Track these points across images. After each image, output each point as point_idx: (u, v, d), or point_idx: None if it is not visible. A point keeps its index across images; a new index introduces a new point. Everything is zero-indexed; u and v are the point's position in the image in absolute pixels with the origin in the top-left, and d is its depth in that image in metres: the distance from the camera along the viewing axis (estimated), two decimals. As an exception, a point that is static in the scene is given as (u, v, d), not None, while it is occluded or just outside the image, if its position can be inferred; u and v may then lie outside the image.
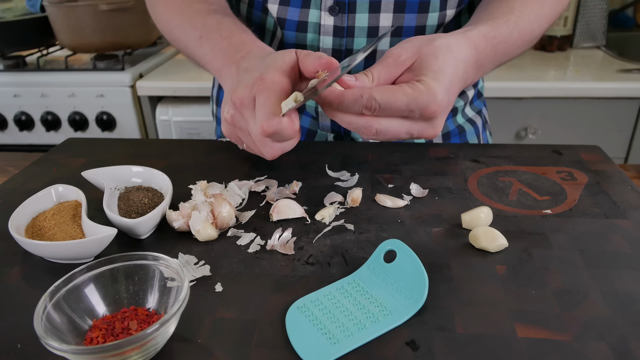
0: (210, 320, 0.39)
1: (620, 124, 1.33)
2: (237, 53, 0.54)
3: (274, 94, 0.46)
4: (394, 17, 0.62)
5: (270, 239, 0.49)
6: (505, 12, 0.57)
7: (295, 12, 0.63)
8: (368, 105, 0.44)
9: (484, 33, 0.54)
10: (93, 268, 0.40)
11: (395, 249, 0.43)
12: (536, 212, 0.53)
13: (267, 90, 0.46)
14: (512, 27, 0.56)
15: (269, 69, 0.47)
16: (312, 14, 0.63)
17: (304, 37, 0.65)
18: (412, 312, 0.39)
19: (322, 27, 0.63)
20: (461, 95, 0.75)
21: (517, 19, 0.57)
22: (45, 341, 0.33)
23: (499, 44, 0.55)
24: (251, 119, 0.48)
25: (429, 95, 0.46)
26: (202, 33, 0.59)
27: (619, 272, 0.43)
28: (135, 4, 1.38)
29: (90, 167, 0.59)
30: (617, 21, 1.72)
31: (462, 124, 0.76)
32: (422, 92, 0.45)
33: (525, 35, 0.58)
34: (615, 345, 0.36)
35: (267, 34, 0.68)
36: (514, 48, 0.58)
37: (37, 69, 1.46)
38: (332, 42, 0.64)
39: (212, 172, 0.63)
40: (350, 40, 0.63)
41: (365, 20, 0.62)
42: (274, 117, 0.45)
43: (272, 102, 0.45)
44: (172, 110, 1.41)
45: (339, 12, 0.62)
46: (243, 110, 0.49)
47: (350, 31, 0.63)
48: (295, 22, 0.64)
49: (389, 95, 0.44)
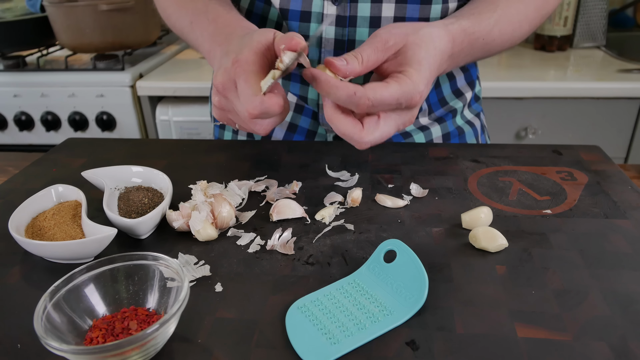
0: (210, 320, 0.39)
1: (620, 124, 1.33)
2: (221, 36, 0.55)
3: (252, 75, 0.46)
4: (396, 7, 0.62)
5: (270, 239, 0.49)
6: (489, 9, 0.58)
7: (298, 1, 0.64)
8: (360, 103, 0.45)
9: (464, 27, 0.55)
10: (93, 268, 0.40)
11: (395, 249, 0.43)
12: (536, 212, 0.53)
13: (244, 72, 0.46)
14: (492, 25, 0.57)
15: (243, 50, 0.48)
16: (315, 4, 0.63)
17: (307, 26, 0.65)
18: (412, 312, 0.39)
19: (324, 16, 0.64)
20: (459, 97, 0.76)
21: (498, 17, 0.58)
22: (45, 341, 0.33)
23: (477, 40, 0.56)
24: (236, 100, 0.49)
25: (413, 86, 0.47)
26: (193, 18, 0.61)
27: (619, 272, 0.43)
28: (135, 4, 1.38)
29: (90, 167, 0.59)
30: (617, 21, 1.72)
31: (462, 125, 0.77)
32: (407, 84, 0.47)
33: (505, 35, 0.59)
34: (615, 345, 0.36)
35: (268, 24, 0.68)
36: (492, 46, 0.59)
37: (37, 69, 1.46)
38: (335, 32, 0.64)
39: (212, 172, 0.63)
40: (353, 30, 0.64)
41: (368, 10, 0.63)
42: (256, 98, 0.45)
43: (252, 84, 0.46)
44: (172, 110, 1.41)
45: (342, 2, 0.62)
46: (227, 94, 0.49)
47: (353, 21, 0.63)
48: (298, 12, 0.64)
49: (381, 92, 0.45)
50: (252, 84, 0.46)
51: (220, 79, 0.49)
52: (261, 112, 0.46)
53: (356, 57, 0.48)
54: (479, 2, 0.60)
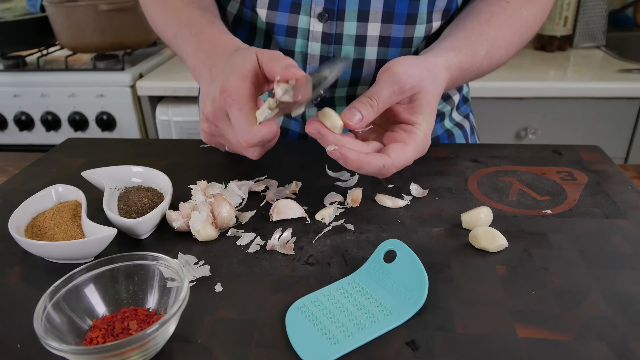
0: (210, 320, 0.39)
1: (620, 124, 1.33)
2: (203, 53, 0.54)
3: (244, 104, 0.46)
4: (381, 27, 0.62)
5: (270, 239, 0.49)
6: (482, 38, 0.59)
7: (284, 17, 0.63)
8: (389, 173, 0.49)
9: (461, 64, 0.56)
10: (93, 268, 0.40)
11: (395, 249, 0.43)
12: (536, 212, 0.53)
13: (236, 102, 0.46)
14: (483, 57, 0.59)
15: (230, 77, 0.47)
16: (301, 20, 0.63)
17: (292, 42, 0.65)
18: (412, 312, 0.39)
19: (310, 33, 0.63)
20: (447, 100, 0.76)
21: (489, 48, 0.59)
22: (45, 341, 0.33)
23: (469, 72, 0.59)
24: (227, 129, 0.49)
25: (426, 141, 0.51)
26: (177, 30, 0.60)
27: (619, 272, 0.43)
28: (135, 4, 1.38)
29: (90, 167, 0.58)
30: (617, 21, 1.71)
31: (451, 128, 0.77)
32: (422, 140, 0.51)
33: (492, 64, 0.61)
34: (615, 345, 0.36)
35: (258, 32, 0.68)
36: (479, 74, 0.62)
37: (37, 69, 1.46)
38: (320, 48, 0.64)
39: (212, 172, 0.63)
40: (338, 47, 0.64)
41: (354, 29, 0.62)
42: (252, 129, 0.46)
43: (245, 113, 0.46)
44: (172, 110, 1.41)
45: (328, 19, 0.62)
46: (217, 123, 0.50)
47: (339, 39, 0.63)
48: (284, 27, 0.64)
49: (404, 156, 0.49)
50: (246, 114, 0.46)
51: (210, 109, 0.49)
52: (258, 142, 0.47)
53: (372, 106, 0.49)
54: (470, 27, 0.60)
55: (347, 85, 0.68)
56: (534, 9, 0.63)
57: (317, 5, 0.62)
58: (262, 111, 0.46)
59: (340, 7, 0.61)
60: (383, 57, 0.65)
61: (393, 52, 0.64)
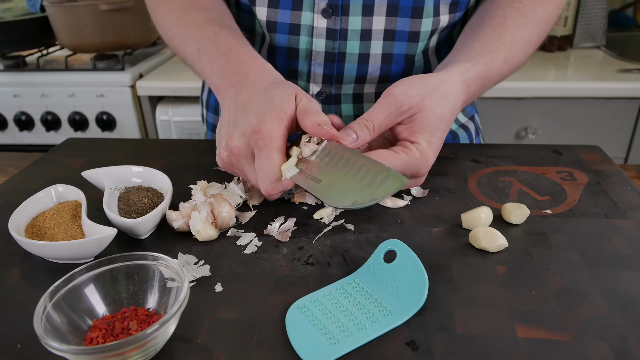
0: (210, 320, 0.39)
1: (620, 124, 1.33)
2: (234, 74, 0.53)
3: (274, 153, 0.46)
4: (386, 20, 0.61)
5: (270, 225, 0.49)
6: (498, 43, 0.57)
7: (286, 14, 0.63)
8: None
9: (479, 74, 0.55)
10: (93, 268, 0.40)
11: (395, 249, 0.43)
12: (536, 212, 0.53)
13: (266, 148, 0.46)
14: (502, 63, 0.57)
15: (266, 118, 0.46)
16: (304, 17, 0.62)
17: (296, 40, 0.64)
18: (412, 312, 0.39)
19: (314, 29, 0.63)
20: None
21: (507, 53, 0.58)
22: (45, 341, 0.33)
23: (489, 81, 0.58)
24: (248, 167, 0.49)
25: (422, 161, 0.49)
26: (200, 46, 0.57)
27: (619, 272, 0.43)
28: (135, 4, 1.38)
29: (90, 167, 0.59)
30: (617, 21, 1.72)
31: (455, 129, 0.76)
32: (417, 159, 0.49)
33: (513, 67, 0.60)
34: (615, 345, 0.36)
35: (257, 36, 0.68)
36: (500, 79, 0.60)
37: (37, 69, 1.46)
38: (325, 44, 0.63)
39: (212, 172, 0.63)
40: (343, 43, 0.63)
41: (359, 23, 0.62)
42: (275, 183, 0.47)
43: (272, 164, 0.46)
44: (172, 110, 1.41)
45: (332, 15, 0.61)
46: (240, 159, 0.49)
47: (344, 34, 0.63)
48: (287, 24, 0.63)
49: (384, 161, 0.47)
50: (273, 164, 0.46)
51: (236, 144, 0.48)
52: (278, 193, 0.47)
53: (367, 127, 0.48)
54: (484, 33, 0.59)
55: (353, 82, 0.67)
56: (548, 5, 0.61)
57: (320, 1, 0.61)
58: (289, 168, 0.46)
59: (345, 1, 0.60)
60: (389, 52, 0.64)
61: (399, 47, 0.64)
